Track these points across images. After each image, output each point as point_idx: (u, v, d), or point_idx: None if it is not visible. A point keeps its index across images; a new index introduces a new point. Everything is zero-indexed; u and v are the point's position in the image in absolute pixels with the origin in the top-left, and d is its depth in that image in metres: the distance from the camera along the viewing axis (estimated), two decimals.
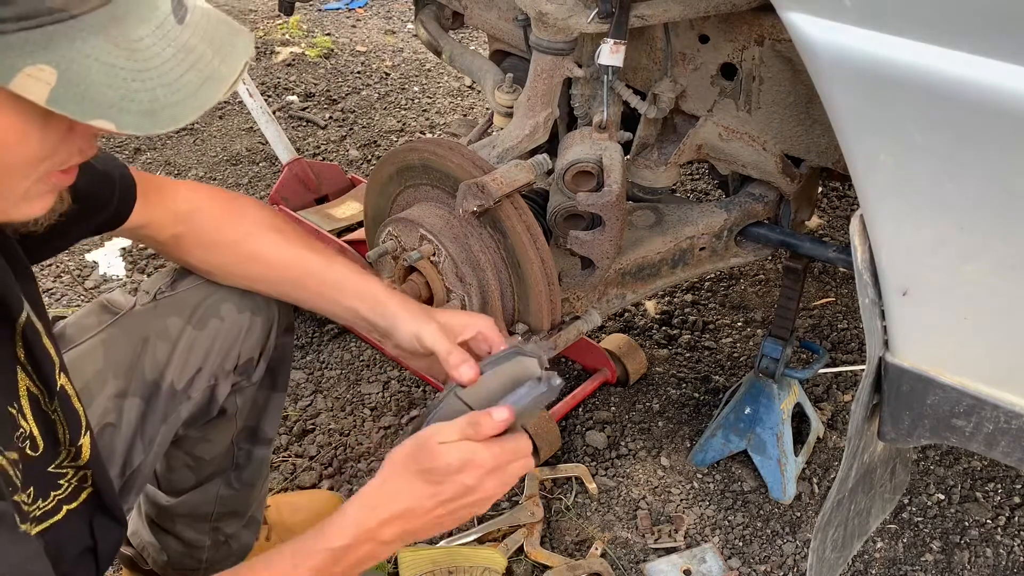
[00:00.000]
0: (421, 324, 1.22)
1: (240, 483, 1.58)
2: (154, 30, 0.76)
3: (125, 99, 0.74)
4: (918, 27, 1.02)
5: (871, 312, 1.27)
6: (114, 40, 0.74)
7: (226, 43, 0.82)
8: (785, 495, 2.02)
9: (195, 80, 0.78)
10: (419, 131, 3.56)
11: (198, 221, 1.32)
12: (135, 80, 0.75)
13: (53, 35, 0.71)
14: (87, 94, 0.73)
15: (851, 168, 1.17)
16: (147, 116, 0.75)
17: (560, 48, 1.60)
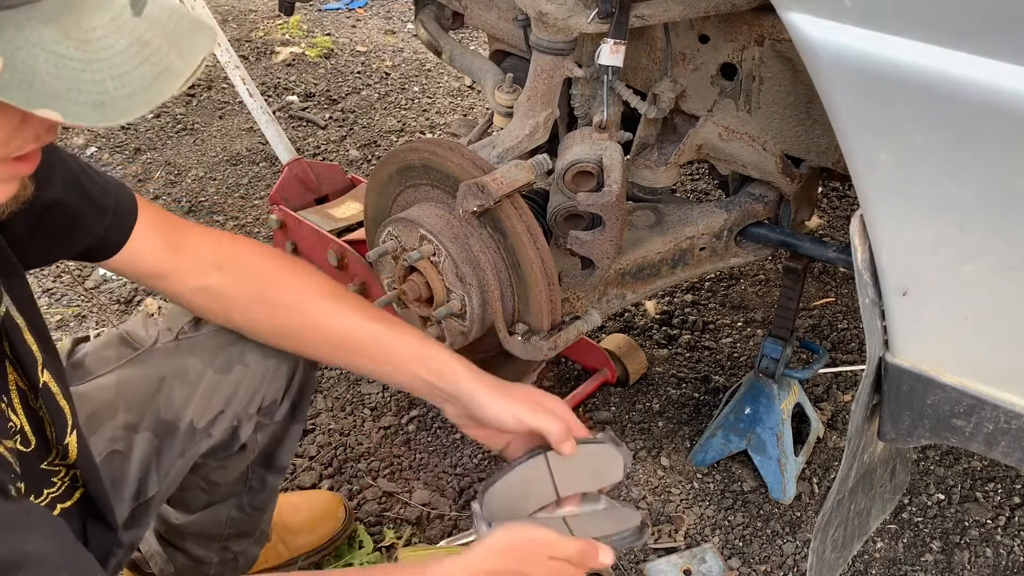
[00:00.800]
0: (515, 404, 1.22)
1: (252, 508, 1.58)
2: (109, 21, 0.75)
3: (73, 90, 0.72)
4: (918, 27, 1.02)
5: (871, 312, 1.27)
6: (65, 30, 0.72)
7: (185, 38, 0.80)
8: (785, 495, 2.02)
9: (148, 74, 0.76)
10: (419, 131, 3.56)
11: (245, 280, 1.29)
12: (84, 71, 0.73)
13: (1, 22, 0.70)
14: (33, 83, 0.71)
15: (851, 168, 1.17)
16: (95, 108, 0.74)
17: (560, 48, 1.60)
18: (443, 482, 2.07)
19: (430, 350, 1.28)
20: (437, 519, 1.98)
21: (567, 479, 1.20)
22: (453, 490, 2.05)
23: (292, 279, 1.32)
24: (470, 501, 1.23)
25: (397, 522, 1.97)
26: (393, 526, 1.96)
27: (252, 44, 4.18)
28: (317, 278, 1.34)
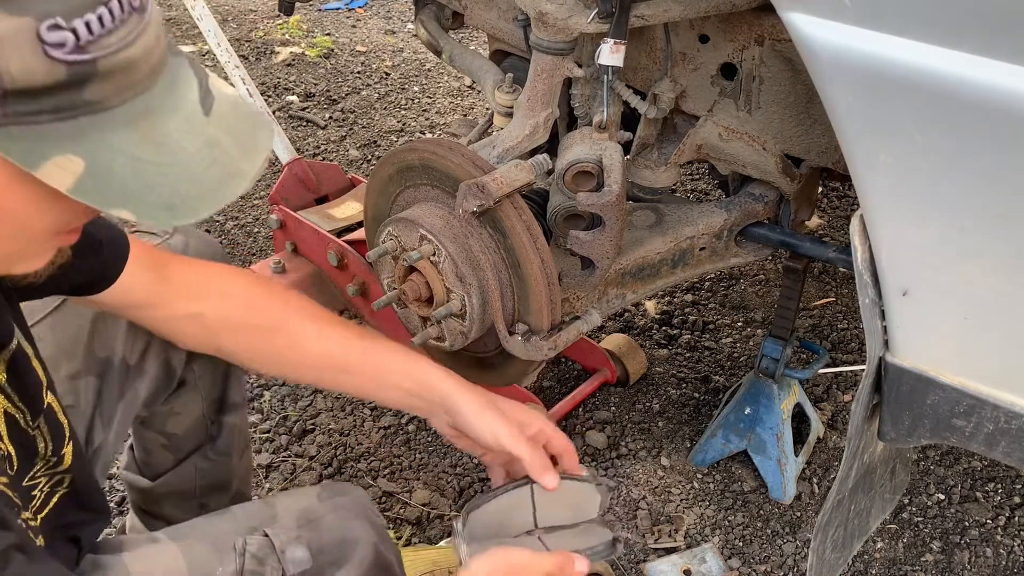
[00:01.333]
0: (497, 423, 1.25)
1: (216, 453, 1.57)
2: (182, 122, 0.77)
3: (147, 191, 0.74)
4: (918, 27, 1.02)
5: (871, 312, 1.27)
6: (143, 133, 0.74)
7: (248, 136, 0.82)
8: (785, 495, 2.02)
9: (217, 176, 0.78)
10: (419, 131, 3.56)
11: (228, 305, 1.30)
12: (159, 173, 0.75)
13: (86, 127, 0.71)
14: (111, 185, 0.73)
15: (851, 168, 1.17)
16: (167, 209, 0.75)
17: (560, 48, 1.60)
18: (443, 482, 2.07)
19: (416, 363, 1.30)
20: (437, 519, 1.98)
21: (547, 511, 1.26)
22: (453, 490, 2.05)
23: (274, 303, 1.33)
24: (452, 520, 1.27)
25: (397, 522, 1.97)
26: (393, 526, 1.96)
27: (252, 44, 4.18)
28: (298, 301, 1.36)
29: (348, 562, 1.23)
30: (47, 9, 0.66)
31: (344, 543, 1.24)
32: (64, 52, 0.67)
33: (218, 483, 1.61)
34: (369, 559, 1.24)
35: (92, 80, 0.70)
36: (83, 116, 0.71)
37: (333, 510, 1.27)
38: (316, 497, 1.29)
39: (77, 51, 0.68)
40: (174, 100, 0.77)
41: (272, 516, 1.27)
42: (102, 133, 0.72)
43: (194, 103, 0.78)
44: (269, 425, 2.20)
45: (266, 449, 2.14)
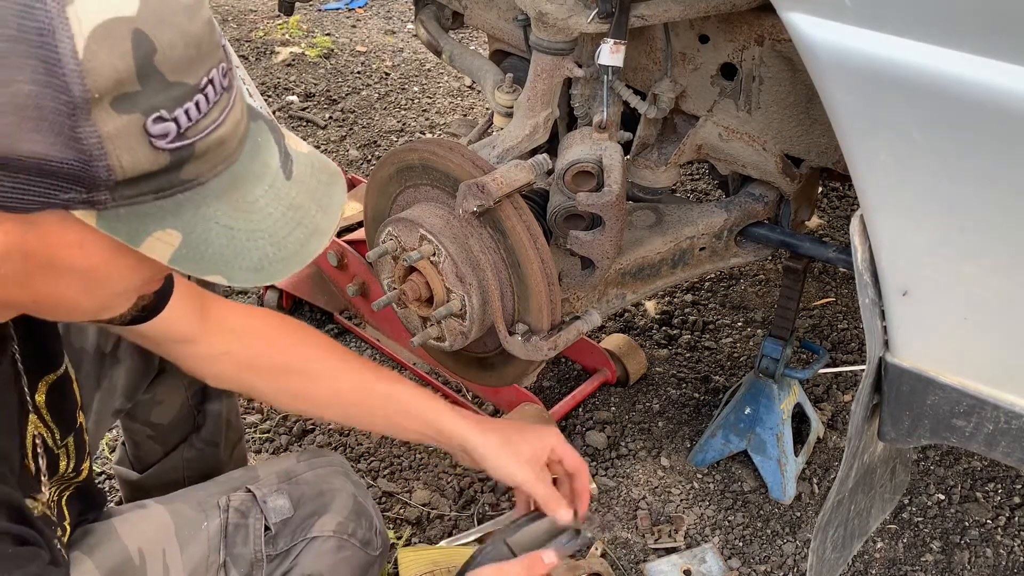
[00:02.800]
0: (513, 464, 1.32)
1: (202, 442, 1.58)
2: (267, 190, 0.81)
3: (238, 257, 0.79)
4: (918, 27, 1.02)
5: (871, 312, 1.27)
6: (234, 203, 0.79)
7: (325, 194, 0.87)
8: (785, 495, 2.02)
9: (300, 237, 0.83)
10: (419, 131, 3.56)
11: (256, 344, 1.35)
12: (248, 240, 0.79)
13: (183, 202, 0.76)
14: (205, 255, 0.78)
15: (851, 168, 1.17)
16: (255, 272, 0.80)
17: (560, 48, 1.60)
18: (443, 482, 2.07)
19: (432, 407, 1.37)
20: (437, 519, 1.98)
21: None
22: (453, 490, 2.05)
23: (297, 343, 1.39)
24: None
25: (397, 522, 1.97)
26: (393, 526, 1.96)
27: (252, 44, 4.18)
28: (321, 340, 1.42)
29: (328, 511, 1.31)
30: (152, 104, 0.71)
31: (323, 494, 1.32)
32: (167, 141, 0.72)
33: (206, 474, 1.60)
34: (349, 507, 1.32)
35: (189, 161, 0.75)
36: (180, 193, 0.76)
37: (311, 468, 1.35)
38: (295, 459, 1.37)
39: (178, 139, 0.73)
40: (259, 167, 0.82)
41: (255, 477, 1.35)
42: (197, 207, 0.77)
43: (276, 169, 0.83)
44: (269, 425, 2.20)
45: (266, 449, 2.14)
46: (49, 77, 0.67)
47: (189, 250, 0.77)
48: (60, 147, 0.69)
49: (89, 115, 0.69)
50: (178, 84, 0.72)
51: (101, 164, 0.70)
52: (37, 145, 0.68)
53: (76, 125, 0.68)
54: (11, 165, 0.69)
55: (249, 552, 1.29)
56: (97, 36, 0.67)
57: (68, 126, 0.68)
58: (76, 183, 0.71)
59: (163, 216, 0.75)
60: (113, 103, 0.69)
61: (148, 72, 0.70)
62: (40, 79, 0.67)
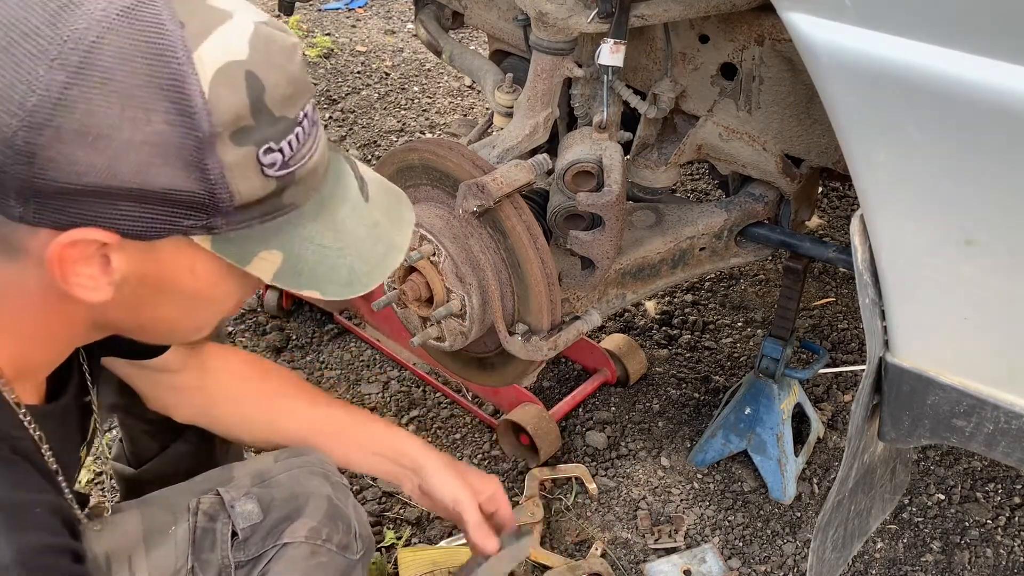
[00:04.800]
0: (458, 489, 1.38)
1: (199, 438, 1.58)
2: (351, 211, 0.92)
3: (330, 272, 0.89)
4: (918, 27, 1.02)
5: (871, 312, 1.27)
6: (324, 223, 0.89)
7: (396, 211, 0.98)
8: (785, 495, 2.02)
9: (381, 251, 0.93)
10: (419, 131, 3.56)
11: (226, 379, 1.39)
12: (339, 257, 0.89)
13: (282, 225, 0.86)
14: (303, 271, 0.87)
15: (851, 168, 1.17)
16: (345, 285, 0.90)
17: (560, 48, 1.60)
18: None
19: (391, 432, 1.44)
20: (437, 519, 1.98)
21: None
22: None
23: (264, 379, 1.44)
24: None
25: (397, 522, 1.97)
26: (393, 526, 1.96)
27: None
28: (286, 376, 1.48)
29: (301, 515, 1.28)
30: (263, 136, 0.80)
31: (296, 497, 1.30)
32: (275, 170, 0.82)
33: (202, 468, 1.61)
34: (323, 510, 1.29)
35: (290, 187, 0.84)
36: (281, 216, 0.85)
37: (287, 469, 1.34)
38: (273, 459, 1.37)
39: (283, 167, 0.83)
40: (341, 191, 0.92)
41: (229, 478, 1.34)
42: (295, 228, 0.87)
43: (355, 191, 0.93)
44: None
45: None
46: (181, 116, 0.75)
47: (288, 268, 0.86)
48: (189, 178, 0.77)
49: (214, 149, 0.77)
50: (283, 119, 0.81)
51: (223, 192, 0.79)
52: (169, 177, 0.76)
53: (203, 158, 0.77)
54: (144, 196, 0.76)
55: (216, 558, 1.26)
56: (218, 78, 0.76)
57: (197, 159, 0.77)
58: (200, 210, 0.79)
59: (267, 238, 0.85)
60: (232, 137, 0.78)
61: (259, 108, 0.79)
62: (173, 119, 0.75)
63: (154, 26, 0.75)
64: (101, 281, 0.81)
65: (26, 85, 0.72)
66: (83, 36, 0.73)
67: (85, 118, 0.73)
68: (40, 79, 0.72)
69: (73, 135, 0.73)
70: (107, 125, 0.73)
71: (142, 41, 0.74)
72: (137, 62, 0.74)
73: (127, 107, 0.74)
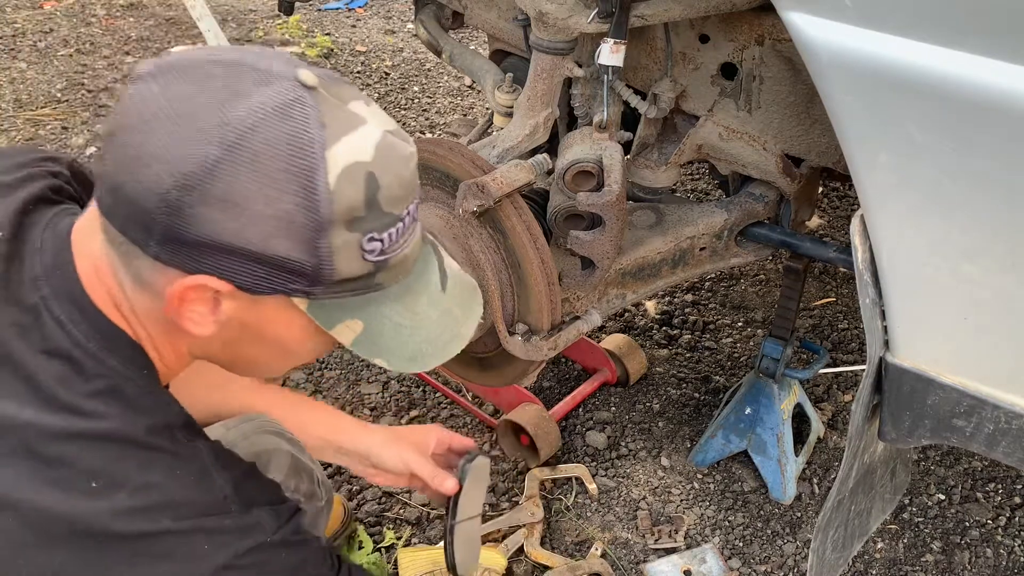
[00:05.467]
0: (404, 453, 1.44)
1: None
2: (429, 299, 1.03)
3: (400, 348, 1.00)
4: (918, 27, 1.02)
5: (871, 312, 1.27)
6: (405, 305, 1.00)
7: (468, 303, 1.09)
8: (785, 495, 2.02)
9: (446, 337, 1.05)
10: (419, 131, 3.56)
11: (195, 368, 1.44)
12: (411, 336, 1.01)
13: (369, 301, 0.97)
14: (378, 342, 0.99)
15: (851, 168, 1.17)
16: (410, 361, 1.01)
17: (560, 48, 1.60)
18: None
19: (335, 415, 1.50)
20: (437, 519, 1.98)
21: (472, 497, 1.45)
22: None
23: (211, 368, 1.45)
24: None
25: (397, 522, 1.97)
26: (393, 526, 1.96)
27: (252, 44, 4.18)
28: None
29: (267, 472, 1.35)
30: (371, 227, 0.91)
31: (258, 456, 1.38)
32: (374, 256, 0.93)
33: None
34: (287, 465, 1.43)
35: (382, 270, 0.95)
36: (369, 293, 0.96)
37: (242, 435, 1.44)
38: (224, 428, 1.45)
39: (381, 254, 0.93)
40: (425, 280, 1.03)
41: None
42: (379, 306, 0.98)
43: (436, 283, 1.04)
44: None
45: None
46: (307, 201, 0.86)
47: (367, 338, 0.98)
48: (302, 252, 0.88)
49: (328, 232, 0.88)
50: (390, 214, 0.92)
51: (327, 268, 0.90)
52: (286, 248, 0.88)
53: (318, 238, 0.88)
54: (262, 259, 0.88)
55: None
56: (344, 175, 0.87)
57: (312, 238, 0.88)
58: (304, 278, 0.90)
59: (353, 309, 0.96)
60: (345, 224, 0.89)
61: (373, 204, 0.90)
62: (300, 201, 0.86)
63: (301, 123, 0.86)
64: (208, 319, 0.93)
65: (187, 153, 0.84)
66: (242, 121, 0.85)
67: (228, 187, 0.84)
68: (199, 150, 0.84)
69: (216, 200, 0.84)
70: (244, 197, 0.85)
71: (289, 134, 0.86)
72: (280, 150, 0.85)
73: (265, 185, 0.85)
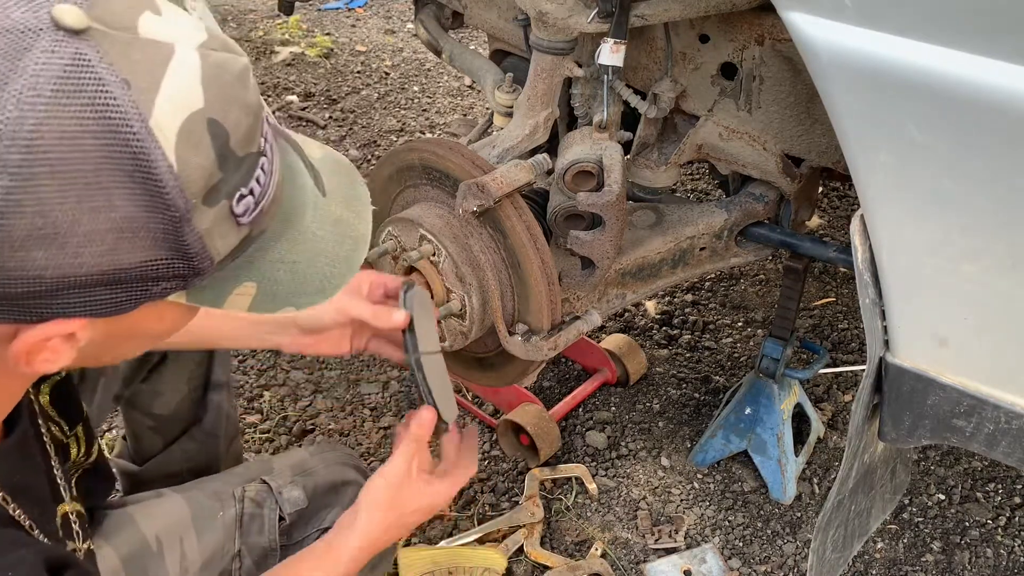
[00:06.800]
0: (335, 302, 1.29)
1: (203, 434, 1.60)
2: (313, 214, 0.84)
3: (303, 285, 0.83)
4: (918, 27, 1.02)
5: (871, 312, 1.27)
6: (291, 239, 0.82)
7: (353, 197, 0.90)
8: (785, 495, 2.02)
9: (348, 249, 0.87)
10: (419, 131, 3.56)
11: None
12: (309, 266, 0.83)
13: (253, 255, 0.79)
14: (277, 294, 0.82)
15: (851, 168, 1.17)
16: (319, 293, 0.84)
17: (560, 48, 1.60)
18: None
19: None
20: (437, 519, 1.98)
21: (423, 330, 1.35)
22: None
23: None
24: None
25: None
26: None
27: (252, 44, 4.18)
28: None
29: (340, 503, 1.37)
30: (232, 186, 0.73)
31: (335, 486, 1.39)
32: (249, 215, 0.76)
33: (205, 467, 1.62)
34: None
35: (259, 222, 0.78)
36: (250, 247, 0.79)
37: (324, 463, 1.42)
38: (308, 453, 1.44)
39: (255, 207, 0.76)
40: (300, 195, 0.84)
41: (269, 468, 1.41)
42: (264, 254, 0.80)
43: (312, 189, 0.85)
44: (269, 425, 2.20)
45: (265, 449, 2.14)
46: (151, 197, 0.67)
47: (263, 295, 0.81)
48: (164, 253, 0.70)
49: (191, 221, 0.70)
50: (248, 155, 0.74)
51: (203, 259, 0.73)
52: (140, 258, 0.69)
53: (181, 234, 0.70)
54: (115, 279, 0.69)
55: (264, 541, 1.34)
56: (182, 141, 0.67)
57: (173, 236, 0.70)
58: (177, 279, 0.73)
59: (238, 274, 0.79)
60: (204, 199, 0.71)
61: (226, 157, 0.71)
62: (141, 201, 0.67)
63: (98, 94, 0.64)
64: (64, 355, 0.75)
65: None
66: (18, 128, 0.62)
67: (38, 219, 0.64)
68: None
69: (26, 239, 0.64)
70: (64, 222, 0.64)
71: (89, 117, 0.63)
72: (87, 143, 0.64)
73: (84, 198, 0.64)
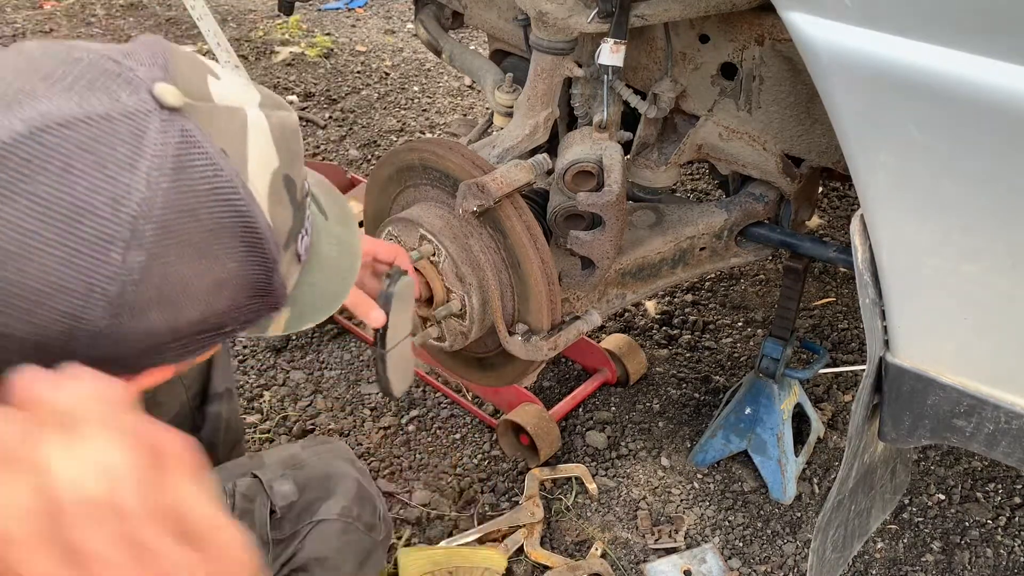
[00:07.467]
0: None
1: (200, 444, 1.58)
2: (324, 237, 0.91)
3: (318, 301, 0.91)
4: (918, 27, 1.02)
5: (871, 312, 1.27)
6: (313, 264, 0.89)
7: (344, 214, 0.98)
8: (785, 495, 2.02)
9: (348, 262, 0.95)
10: (419, 131, 3.56)
11: None
12: (323, 285, 0.91)
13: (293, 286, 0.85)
14: (303, 313, 0.89)
15: (851, 168, 1.17)
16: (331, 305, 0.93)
17: (560, 48, 1.60)
18: (443, 482, 2.07)
19: None
20: (437, 519, 1.98)
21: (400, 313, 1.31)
22: (453, 490, 2.04)
23: None
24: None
25: (397, 522, 1.97)
26: (393, 526, 1.96)
27: (252, 44, 4.18)
28: None
29: (333, 495, 1.35)
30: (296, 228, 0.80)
31: (328, 478, 1.37)
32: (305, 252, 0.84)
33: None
34: (353, 491, 1.37)
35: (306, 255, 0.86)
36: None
37: (316, 455, 1.41)
38: (299, 447, 1.43)
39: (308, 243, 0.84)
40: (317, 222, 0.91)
41: (260, 464, 1.40)
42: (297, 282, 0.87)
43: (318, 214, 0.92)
44: (269, 425, 2.20)
45: (266, 449, 2.14)
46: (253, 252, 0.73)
47: (293, 316, 0.88)
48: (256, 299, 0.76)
49: (278, 268, 0.77)
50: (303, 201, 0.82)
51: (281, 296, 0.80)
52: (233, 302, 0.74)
53: (271, 281, 0.77)
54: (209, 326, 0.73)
55: (255, 536, 1.33)
56: (271, 198, 0.74)
57: (264, 283, 0.76)
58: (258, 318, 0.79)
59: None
60: (285, 247, 0.78)
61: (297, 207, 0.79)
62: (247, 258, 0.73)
63: (207, 167, 0.68)
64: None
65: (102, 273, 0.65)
66: (150, 207, 0.66)
67: (162, 284, 0.68)
68: (114, 263, 0.65)
69: (147, 304, 0.68)
70: (179, 284, 0.69)
71: (202, 189, 0.68)
72: (202, 213, 0.68)
73: (199, 262, 0.69)
